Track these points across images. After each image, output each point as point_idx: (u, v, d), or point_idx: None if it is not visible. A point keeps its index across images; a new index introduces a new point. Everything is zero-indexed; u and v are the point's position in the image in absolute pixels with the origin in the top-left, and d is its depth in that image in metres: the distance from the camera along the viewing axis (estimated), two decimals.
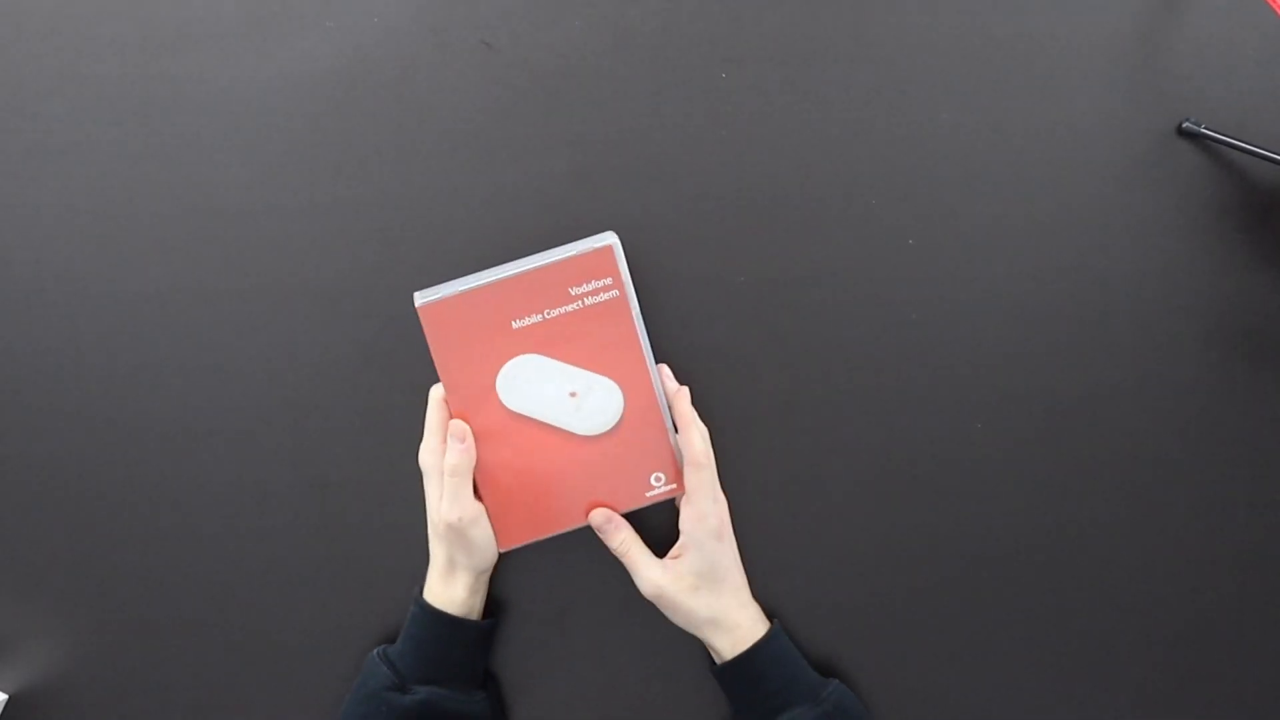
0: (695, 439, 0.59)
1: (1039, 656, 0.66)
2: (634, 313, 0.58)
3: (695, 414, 0.60)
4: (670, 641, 0.65)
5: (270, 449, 0.65)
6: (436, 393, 0.59)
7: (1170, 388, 0.65)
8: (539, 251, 0.60)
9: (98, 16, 0.64)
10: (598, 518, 0.60)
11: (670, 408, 0.60)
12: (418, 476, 0.61)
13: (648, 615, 0.62)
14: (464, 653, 0.61)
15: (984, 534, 0.66)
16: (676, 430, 0.61)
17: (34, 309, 0.64)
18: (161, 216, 0.64)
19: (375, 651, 0.62)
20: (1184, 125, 0.64)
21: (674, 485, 0.61)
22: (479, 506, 0.59)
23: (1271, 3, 0.60)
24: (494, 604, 0.65)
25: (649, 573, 0.60)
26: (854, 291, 0.65)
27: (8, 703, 0.65)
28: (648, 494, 0.61)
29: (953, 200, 0.65)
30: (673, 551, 0.61)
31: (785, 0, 0.64)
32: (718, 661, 0.61)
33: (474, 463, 0.58)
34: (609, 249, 0.57)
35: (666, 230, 0.64)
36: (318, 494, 0.65)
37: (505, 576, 0.65)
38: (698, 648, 0.65)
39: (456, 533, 0.58)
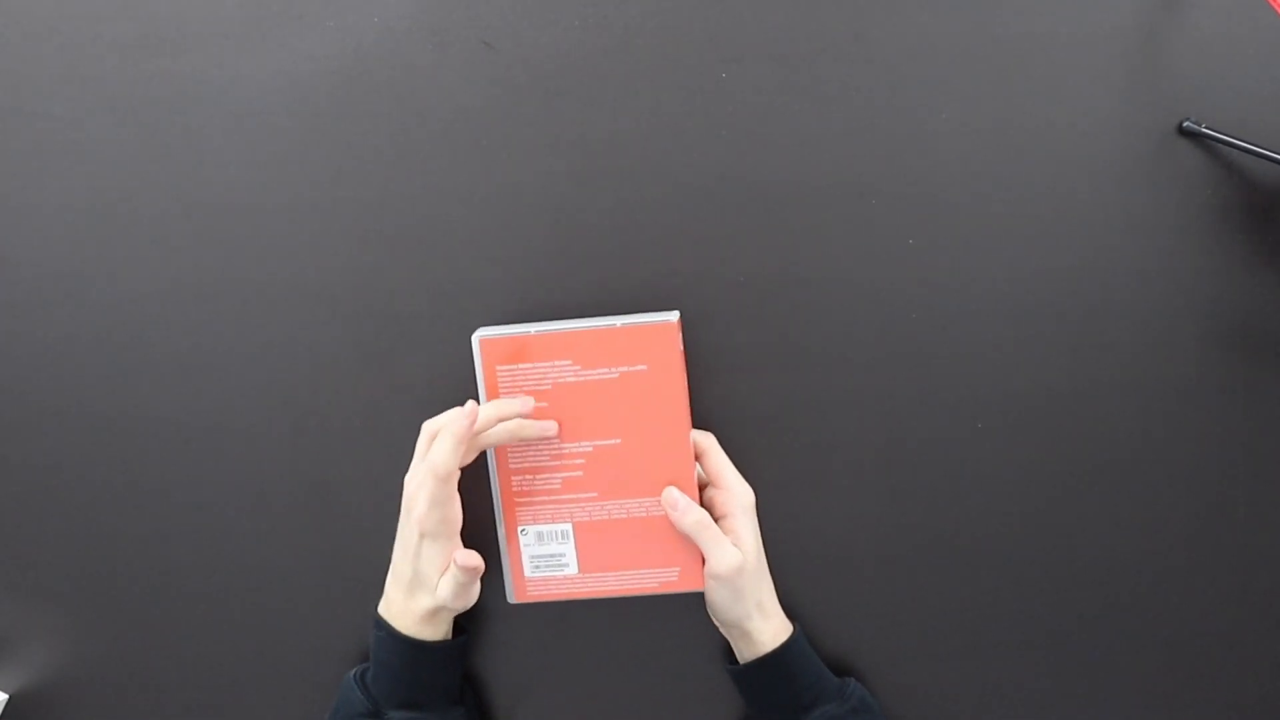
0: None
1: (1033, 655, 0.66)
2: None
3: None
4: (672, 644, 0.65)
5: (270, 449, 0.65)
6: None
7: (1170, 387, 0.65)
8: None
9: (98, 16, 0.64)
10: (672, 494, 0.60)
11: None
12: None
13: (648, 617, 0.62)
14: (434, 674, 0.60)
15: (981, 534, 0.66)
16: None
17: (34, 309, 0.64)
18: (161, 216, 0.64)
19: (351, 675, 0.61)
20: (1184, 125, 0.64)
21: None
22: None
23: (1272, 2, 0.60)
24: (494, 607, 0.65)
25: (727, 551, 0.58)
26: (854, 291, 0.65)
27: (8, 703, 0.65)
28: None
29: (953, 200, 0.65)
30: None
31: (785, 0, 0.64)
32: (741, 660, 0.61)
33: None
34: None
35: (666, 230, 0.64)
36: (318, 494, 0.65)
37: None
38: (700, 651, 0.65)
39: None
